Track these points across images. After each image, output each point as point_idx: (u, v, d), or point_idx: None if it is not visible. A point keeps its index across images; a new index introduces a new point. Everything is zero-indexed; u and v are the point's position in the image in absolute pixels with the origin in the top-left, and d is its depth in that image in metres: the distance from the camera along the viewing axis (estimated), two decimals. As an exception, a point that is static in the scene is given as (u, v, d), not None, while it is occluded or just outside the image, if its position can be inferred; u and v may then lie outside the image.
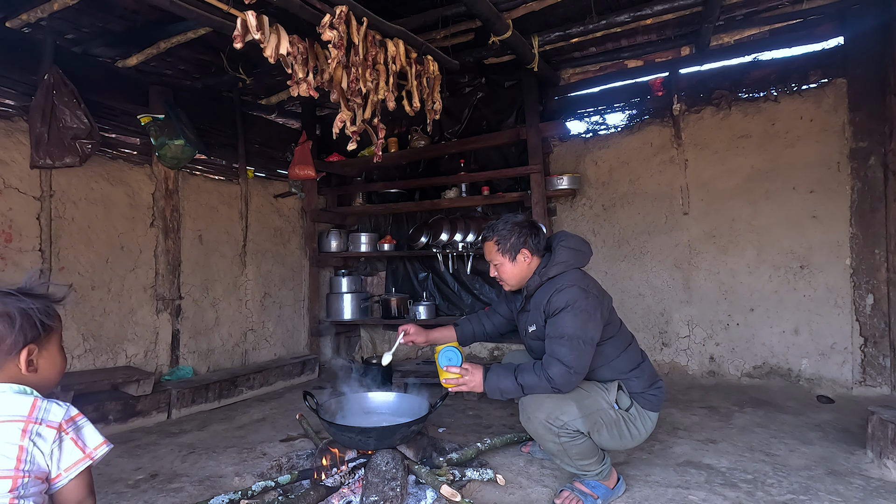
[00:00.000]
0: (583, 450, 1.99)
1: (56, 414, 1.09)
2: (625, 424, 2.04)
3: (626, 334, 2.19)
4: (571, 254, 2.13)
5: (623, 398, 2.07)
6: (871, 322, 3.38)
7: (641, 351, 2.21)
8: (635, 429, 2.06)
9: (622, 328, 2.18)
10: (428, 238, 4.44)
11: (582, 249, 2.18)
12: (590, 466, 2.03)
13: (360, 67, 2.45)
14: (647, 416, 2.09)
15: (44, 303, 1.16)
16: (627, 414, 2.05)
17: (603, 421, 2.00)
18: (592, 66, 4.30)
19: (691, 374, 3.94)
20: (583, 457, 2.00)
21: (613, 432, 2.03)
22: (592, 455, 2.02)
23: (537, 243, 2.15)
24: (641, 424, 2.07)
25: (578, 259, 2.15)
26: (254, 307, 4.43)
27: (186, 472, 2.43)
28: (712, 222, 3.89)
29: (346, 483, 2.11)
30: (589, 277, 2.13)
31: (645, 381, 2.10)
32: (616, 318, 2.17)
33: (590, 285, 2.06)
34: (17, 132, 3.03)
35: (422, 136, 4.58)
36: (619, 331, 2.15)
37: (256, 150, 4.55)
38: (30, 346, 1.11)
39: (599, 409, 2.01)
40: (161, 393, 3.29)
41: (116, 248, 3.49)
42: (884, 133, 3.33)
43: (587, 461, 2.01)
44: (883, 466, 2.23)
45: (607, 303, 2.11)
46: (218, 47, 3.52)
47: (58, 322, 1.22)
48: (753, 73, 3.78)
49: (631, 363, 2.11)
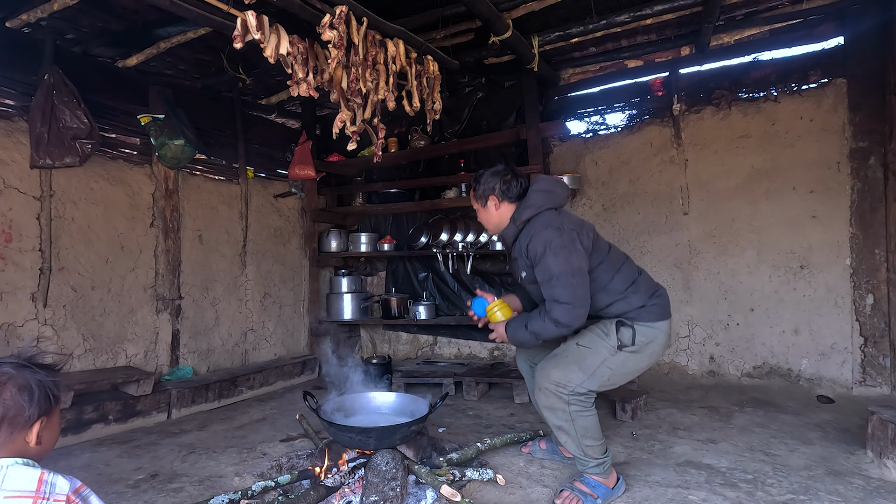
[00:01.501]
0: (588, 424, 2.04)
1: (62, 487, 1.08)
2: (633, 359, 2.09)
3: (618, 256, 2.22)
4: (542, 196, 2.18)
5: (625, 334, 2.08)
6: (871, 322, 3.38)
7: (637, 267, 2.24)
8: (646, 355, 2.11)
9: (612, 251, 2.21)
10: (428, 238, 4.44)
11: (553, 190, 2.22)
12: (592, 450, 2.05)
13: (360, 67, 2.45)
14: (655, 331, 2.10)
15: (53, 374, 1.16)
16: (633, 348, 2.07)
17: (610, 369, 2.06)
18: (592, 66, 4.30)
19: (691, 374, 3.94)
20: (587, 434, 2.04)
21: (624, 370, 2.09)
22: (597, 436, 2.06)
23: (506, 190, 2.22)
24: (652, 346, 2.10)
25: (550, 199, 2.19)
26: (254, 307, 4.43)
27: (186, 472, 2.43)
28: (712, 222, 3.89)
29: (346, 483, 2.11)
30: (564, 214, 2.17)
31: (643, 293, 2.13)
32: (603, 243, 2.21)
33: (563, 222, 2.10)
34: (17, 132, 3.03)
35: (422, 136, 4.58)
36: (609, 255, 2.18)
37: (256, 150, 4.55)
38: (42, 420, 1.12)
39: (603, 362, 2.06)
40: (161, 393, 3.29)
41: (116, 248, 3.49)
42: (884, 133, 3.33)
43: (591, 441, 2.04)
44: (883, 466, 2.23)
45: (588, 231, 2.15)
46: (218, 47, 3.52)
47: (61, 401, 1.21)
48: (753, 73, 3.78)
49: (625, 282, 2.14)
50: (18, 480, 1.06)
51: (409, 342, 4.99)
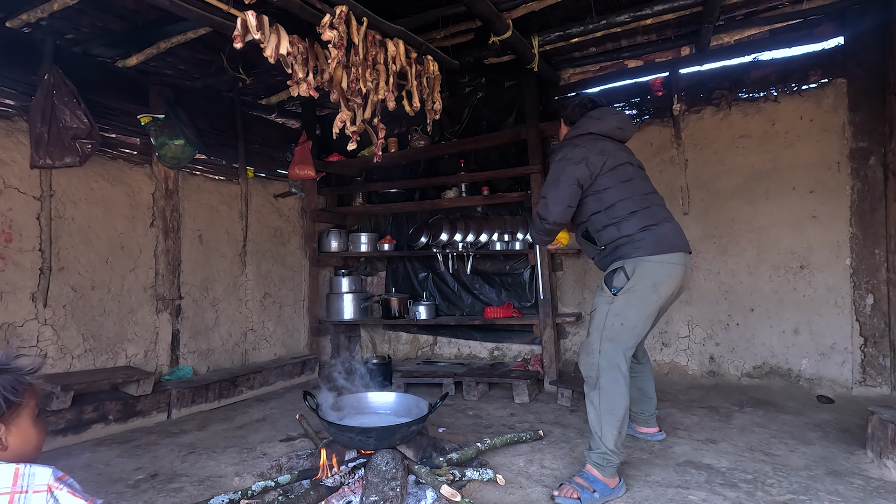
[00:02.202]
0: (613, 401, 2.11)
1: (42, 476, 1.04)
2: (636, 298, 2.18)
3: (634, 188, 2.30)
4: (588, 121, 2.44)
5: (618, 278, 2.21)
6: (871, 322, 3.38)
7: (655, 207, 2.31)
8: (648, 291, 2.18)
9: (632, 183, 2.31)
10: (428, 238, 4.44)
11: (602, 118, 2.42)
12: (609, 432, 2.09)
13: (360, 67, 2.45)
14: (649, 264, 2.18)
15: (11, 378, 1.10)
16: (628, 286, 2.18)
17: (616, 316, 2.18)
18: (592, 66, 4.29)
19: (691, 374, 3.94)
20: (610, 411, 2.10)
21: (633, 312, 2.18)
22: (618, 417, 2.10)
23: (566, 115, 2.59)
24: (648, 280, 2.17)
25: (593, 125, 2.41)
26: (254, 307, 4.43)
27: (186, 472, 2.43)
28: (712, 222, 3.89)
29: (346, 483, 2.11)
30: (591, 138, 2.36)
31: (635, 223, 2.23)
32: (627, 173, 2.32)
33: (585, 142, 2.33)
34: (17, 132, 3.03)
35: (422, 136, 4.58)
36: (624, 184, 2.29)
37: (256, 150, 4.55)
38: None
39: (607, 313, 2.20)
40: (161, 393, 3.29)
41: (116, 248, 3.49)
42: (884, 133, 3.33)
43: (611, 422, 2.10)
44: (883, 466, 2.23)
45: (606, 157, 2.29)
46: (218, 47, 3.51)
47: (29, 395, 1.14)
48: (753, 73, 3.78)
49: (626, 210, 2.25)
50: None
51: (409, 342, 4.99)
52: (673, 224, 2.28)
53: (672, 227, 2.26)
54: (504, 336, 4.53)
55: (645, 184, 2.37)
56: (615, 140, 2.44)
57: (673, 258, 2.20)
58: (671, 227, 2.26)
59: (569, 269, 4.40)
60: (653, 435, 2.71)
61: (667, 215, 2.31)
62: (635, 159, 2.47)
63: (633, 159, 2.44)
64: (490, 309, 4.27)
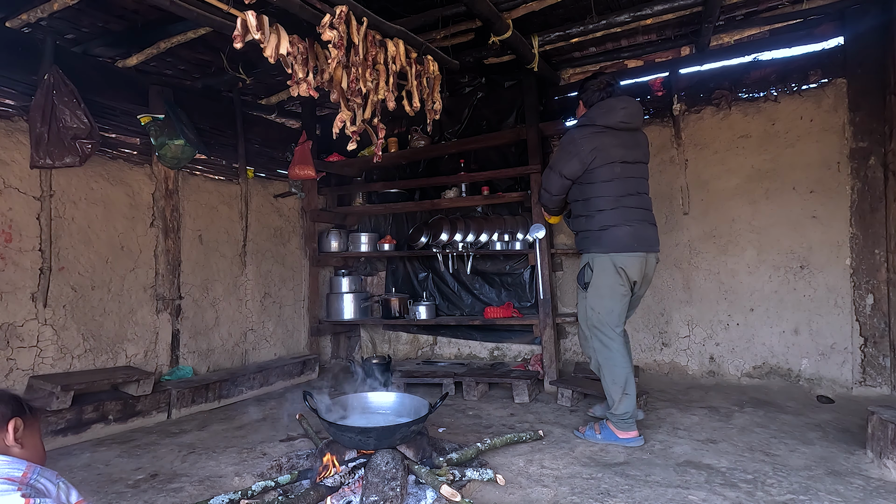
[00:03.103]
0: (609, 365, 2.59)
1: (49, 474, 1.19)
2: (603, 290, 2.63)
3: (612, 189, 2.60)
4: (596, 111, 2.66)
5: (585, 274, 2.69)
6: (871, 322, 3.38)
7: (617, 208, 2.60)
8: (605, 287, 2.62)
9: (612, 184, 2.60)
10: (428, 238, 4.44)
11: (609, 111, 2.63)
12: (615, 399, 2.58)
13: (360, 67, 2.44)
14: (604, 260, 2.61)
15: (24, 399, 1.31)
16: (591, 279, 2.65)
17: (591, 308, 2.67)
18: (592, 66, 4.29)
19: (691, 374, 3.94)
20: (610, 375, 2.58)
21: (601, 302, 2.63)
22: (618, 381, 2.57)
23: (587, 97, 2.80)
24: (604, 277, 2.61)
25: (600, 117, 2.64)
26: (254, 307, 4.43)
27: (186, 472, 2.43)
28: (712, 222, 3.89)
29: (346, 483, 2.11)
30: (592, 133, 2.62)
31: (599, 221, 2.61)
32: (611, 172, 2.60)
33: (586, 137, 2.62)
34: (17, 132, 3.03)
35: (422, 136, 4.58)
36: (605, 185, 2.61)
37: (256, 150, 4.55)
38: (16, 420, 1.22)
39: (585, 308, 2.72)
40: (161, 393, 3.29)
41: (116, 248, 3.49)
42: (884, 133, 3.33)
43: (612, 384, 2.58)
44: (883, 466, 2.23)
45: (596, 157, 2.59)
46: (218, 47, 3.51)
47: (39, 417, 1.35)
48: (753, 73, 3.78)
49: (597, 207, 2.62)
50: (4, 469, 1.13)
51: (409, 342, 4.99)
52: (635, 227, 2.59)
53: (631, 231, 2.58)
54: (504, 336, 4.53)
55: (625, 185, 2.62)
56: (621, 131, 2.64)
57: (623, 257, 2.57)
58: (631, 230, 2.57)
59: (569, 269, 4.40)
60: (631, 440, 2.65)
61: (634, 217, 2.61)
62: (636, 153, 2.69)
63: (630, 155, 2.65)
64: (490, 309, 4.27)
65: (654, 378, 3.98)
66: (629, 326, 4.14)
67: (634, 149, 2.67)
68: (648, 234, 2.65)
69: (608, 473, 2.29)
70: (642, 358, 4.12)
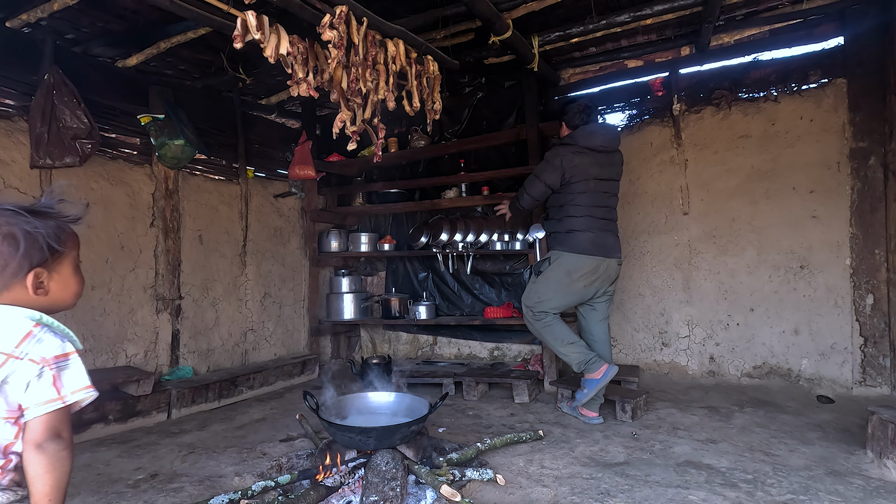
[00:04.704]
0: (554, 332, 3.04)
1: (47, 348, 1.03)
2: (549, 278, 3.04)
3: (584, 201, 3.00)
4: (580, 134, 3.05)
5: (542, 264, 3.10)
6: (871, 322, 3.38)
7: (584, 216, 2.99)
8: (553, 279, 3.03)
9: (584, 196, 3.00)
10: (428, 238, 4.44)
11: (591, 134, 3.04)
12: (570, 356, 2.99)
13: (360, 67, 2.45)
14: (562, 258, 3.01)
15: (54, 225, 1.08)
16: (545, 269, 3.07)
17: (536, 293, 3.08)
18: (592, 66, 4.29)
19: (691, 374, 3.94)
20: (556, 338, 3.03)
21: (545, 289, 3.05)
22: (567, 339, 3.01)
23: (569, 119, 3.19)
24: (556, 271, 3.02)
25: (583, 139, 3.03)
26: (254, 307, 4.43)
27: (186, 472, 2.43)
28: (712, 222, 3.89)
29: (346, 483, 2.11)
30: (573, 152, 3.01)
31: (566, 225, 3.02)
32: (586, 187, 3.00)
33: (567, 155, 3.00)
34: (17, 132, 3.03)
35: (422, 136, 4.58)
36: (579, 196, 3.00)
37: (256, 150, 4.55)
38: (36, 270, 1.06)
39: (529, 290, 3.15)
40: (161, 393, 3.29)
41: (116, 248, 3.49)
42: (884, 133, 3.33)
43: (562, 345, 3.00)
44: (883, 466, 2.23)
45: (574, 174, 2.98)
46: (218, 47, 3.52)
47: (71, 244, 1.14)
48: (753, 73, 3.78)
49: (567, 213, 3.02)
50: (5, 329, 1.02)
51: (409, 342, 4.99)
52: (596, 234, 2.98)
53: (592, 237, 2.97)
54: (504, 336, 4.53)
55: (595, 198, 3.02)
56: (599, 152, 3.05)
57: (580, 258, 2.96)
58: (592, 236, 2.97)
59: (569, 269, 4.40)
60: (591, 419, 3.02)
61: (597, 226, 3.00)
62: (610, 171, 3.09)
63: (604, 173, 3.05)
64: (490, 309, 4.27)
65: (654, 378, 3.98)
66: (628, 325, 4.16)
67: (609, 167, 3.09)
68: (608, 242, 3.04)
69: (608, 473, 2.29)
70: (642, 358, 4.12)
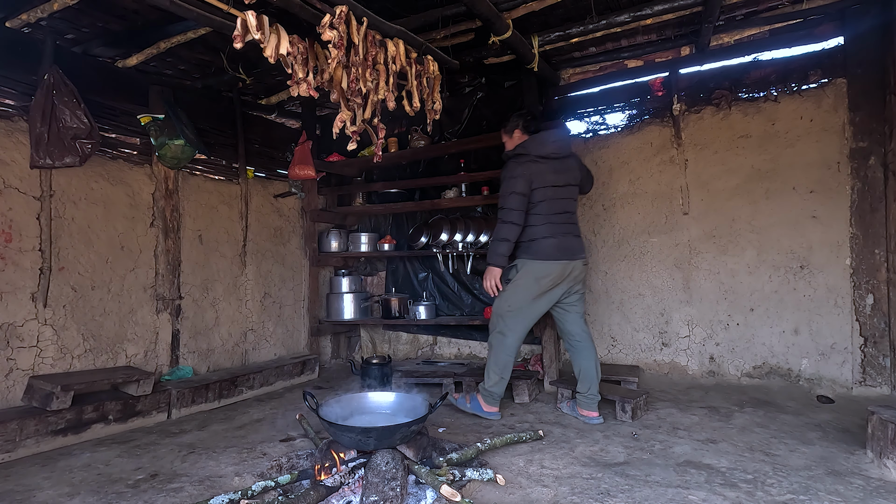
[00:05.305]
0: (498, 358, 3.08)
1: None
2: (518, 286, 3.05)
3: (544, 209, 3.02)
4: (532, 143, 3.08)
5: (511, 272, 3.09)
6: (871, 322, 3.38)
7: (545, 224, 3.01)
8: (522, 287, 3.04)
9: (543, 204, 3.02)
10: (428, 238, 4.44)
11: (543, 143, 3.06)
12: (490, 376, 3.09)
13: (360, 67, 2.45)
14: (529, 265, 3.02)
15: None
16: (513, 278, 3.06)
17: (504, 299, 3.09)
18: (592, 66, 4.29)
19: (691, 374, 3.94)
20: (496, 361, 3.08)
21: (513, 297, 3.06)
22: (500, 372, 3.08)
23: (524, 127, 3.20)
24: (525, 279, 3.02)
25: (535, 148, 3.05)
26: (254, 307, 4.43)
27: (186, 472, 2.43)
28: (712, 222, 3.89)
29: (346, 483, 2.11)
30: (527, 161, 3.03)
31: (530, 234, 3.03)
32: (544, 195, 3.01)
33: (523, 162, 3.02)
34: (17, 132, 3.03)
35: (422, 136, 4.58)
36: (539, 205, 3.02)
37: (256, 150, 4.55)
38: None
39: (499, 299, 3.13)
40: (161, 393, 3.29)
41: (116, 248, 3.49)
42: (884, 133, 3.33)
43: (493, 369, 3.08)
44: (883, 466, 2.23)
45: (533, 181, 2.99)
46: (218, 47, 3.51)
47: None
48: (753, 73, 3.78)
49: (529, 223, 3.03)
50: None
51: (409, 342, 4.99)
52: (559, 240, 3.01)
53: (554, 243, 3.00)
54: (504, 336, 4.52)
55: (554, 205, 3.05)
56: (553, 159, 3.08)
57: (547, 264, 2.99)
58: (556, 241, 3.00)
59: (569, 269, 4.40)
60: (591, 419, 3.04)
61: (559, 231, 3.03)
62: (566, 177, 3.11)
63: (560, 179, 3.08)
64: (490, 309, 4.25)
65: (654, 378, 3.98)
66: (628, 325, 4.16)
67: (564, 173, 3.11)
68: (572, 245, 3.08)
69: (608, 473, 2.29)
70: (642, 358, 4.12)
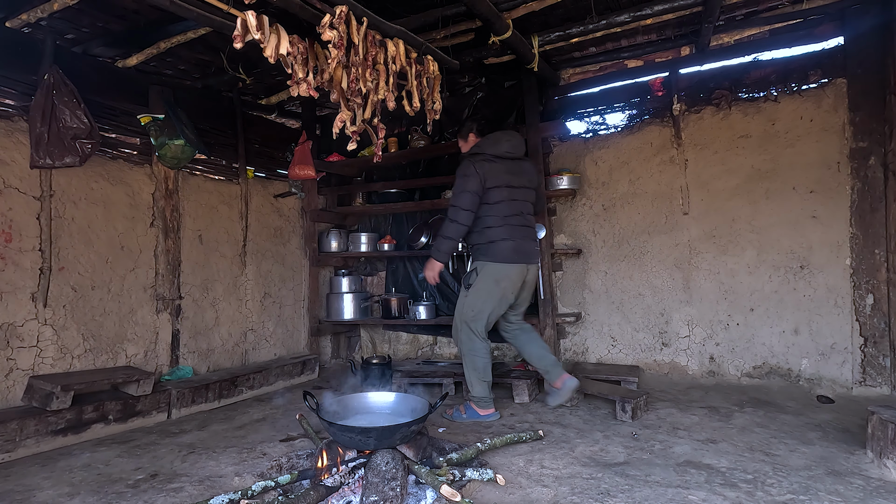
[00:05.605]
0: (474, 360, 3.09)
1: None
2: (480, 289, 3.06)
3: (499, 210, 3.05)
4: (486, 143, 3.14)
5: (471, 277, 3.10)
6: (871, 322, 3.38)
7: (502, 226, 3.05)
8: (483, 290, 3.06)
9: (499, 206, 3.05)
10: (428, 238, 4.44)
11: (497, 142, 3.12)
12: (473, 384, 3.09)
13: (360, 67, 2.44)
14: (488, 267, 3.05)
15: None
16: (475, 282, 3.08)
17: (468, 305, 3.09)
18: (592, 66, 4.29)
19: (691, 374, 3.94)
20: (473, 366, 3.09)
21: (478, 301, 3.06)
22: (481, 375, 3.08)
23: (478, 129, 3.32)
24: (484, 282, 3.05)
25: (490, 147, 3.11)
26: (254, 307, 4.43)
27: (186, 472, 2.43)
28: (712, 222, 3.89)
29: (346, 483, 2.11)
30: (483, 160, 3.07)
31: (486, 236, 3.06)
32: (500, 195, 3.04)
33: (478, 163, 3.04)
34: (17, 132, 3.03)
35: (422, 136, 4.58)
36: (494, 206, 3.04)
37: (256, 150, 4.55)
38: None
39: (462, 304, 3.12)
40: (161, 393, 3.29)
41: (116, 248, 3.49)
42: (884, 133, 3.33)
43: (474, 374, 3.08)
44: (883, 466, 2.23)
45: (487, 180, 3.01)
46: (218, 47, 3.52)
47: None
48: (753, 73, 3.78)
49: (485, 225, 3.06)
50: None
51: (409, 342, 4.99)
52: (517, 242, 3.05)
53: (511, 245, 3.03)
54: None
55: (510, 207, 3.07)
56: (507, 159, 3.12)
57: (506, 267, 3.03)
58: (511, 244, 3.04)
59: (568, 269, 4.40)
60: (564, 382, 3.15)
61: (517, 234, 3.06)
62: (521, 179, 3.15)
63: (516, 181, 3.11)
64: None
65: (654, 378, 3.98)
66: (628, 326, 4.16)
67: (520, 175, 3.16)
68: (528, 248, 3.14)
69: (608, 473, 2.29)
70: (642, 358, 4.12)
